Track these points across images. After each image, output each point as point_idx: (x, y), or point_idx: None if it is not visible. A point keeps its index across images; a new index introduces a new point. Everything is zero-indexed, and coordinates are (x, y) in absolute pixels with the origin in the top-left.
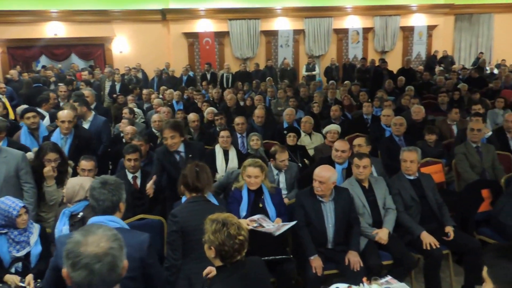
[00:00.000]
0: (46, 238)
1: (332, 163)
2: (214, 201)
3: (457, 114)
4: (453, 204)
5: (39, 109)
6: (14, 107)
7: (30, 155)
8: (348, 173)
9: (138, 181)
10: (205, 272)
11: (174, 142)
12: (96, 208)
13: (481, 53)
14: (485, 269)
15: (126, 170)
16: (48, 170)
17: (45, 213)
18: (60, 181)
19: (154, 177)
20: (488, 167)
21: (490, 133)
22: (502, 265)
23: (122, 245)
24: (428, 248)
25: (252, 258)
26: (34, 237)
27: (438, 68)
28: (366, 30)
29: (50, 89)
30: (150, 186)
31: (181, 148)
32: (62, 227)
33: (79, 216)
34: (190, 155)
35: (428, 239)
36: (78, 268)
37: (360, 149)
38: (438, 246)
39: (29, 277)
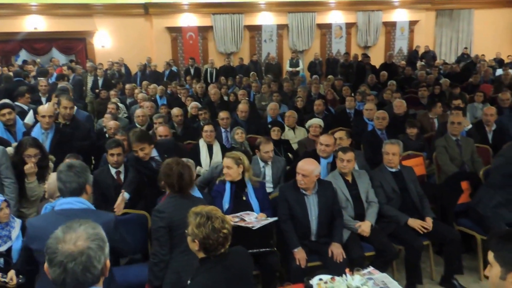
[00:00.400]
0: None
1: (316, 157)
2: (198, 194)
3: (440, 108)
4: (434, 196)
5: (17, 103)
6: None
7: (10, 150)
8: (333, 167)
9: (122, 176)
10: None
11: (145, 154)
12: (64, 190)
13: (466, 48)
14: (491, 254)
15: (109, 165)
16: (29, 167)
17: (27, 209)
18: (41, 176)
19: (122, 192)
20: (467, 160)
21: (470, 126)
22: (509, 249)
23: (103, 246)
24: (424, 231)
25: (236, 249)
26: (16, 232)
27: (419, 63)
28: (349, 25)
29: (31, 83)
30: (118, 204)
31: (154, 153)
32: None
33: None
34: (166, 155)
35: (416, 224)
36: (53, 265)
37: (341, 142)
38: (427, 228)
39: (11, 273)
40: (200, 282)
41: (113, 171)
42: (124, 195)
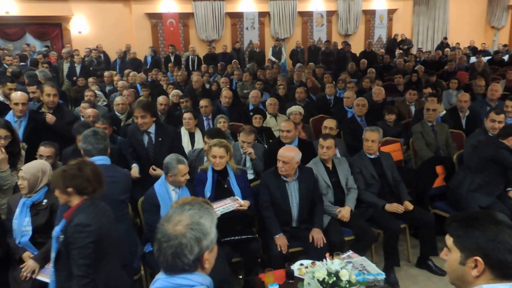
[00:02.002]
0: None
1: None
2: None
3: (412, 95)
4: (410, 181)
5: None
6: None
7: None
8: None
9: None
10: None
11: (144, 122)
12: (92, 151)
13: (445, 38)
14: (450, 239)
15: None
16: (0, 152)
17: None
18: (13, 164)
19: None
20: (442, 145)
21: (444, 112)
22: (469, 234)
23: (200, 237)
24: (400, 212)
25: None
26: None
27: (398, 51)
28: (330, 13)
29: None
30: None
31: (152, 129)
32: (24, 219)
33: (43, 204)
34: (160, 138)
35: (392, 207)
36: (155, 240)
37: (331, 131)
38: (403, 210)
39: None
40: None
41: None
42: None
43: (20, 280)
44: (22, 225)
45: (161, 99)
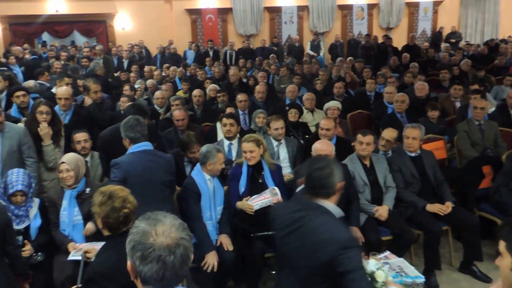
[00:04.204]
0: (46, 212)
1: None
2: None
3: (457, 90)
4: (454, 181)
5: (39, 81)
6: None
7: (20, 125)
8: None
9: None
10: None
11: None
12: (140, 137)
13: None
14: (502, 244)
15: None
16: (43, 127)
17: (47, 182)
18: (56, 141)
19: None
20: (490, 145)
21: (493, 109)
22: None
23: (191, 235)
24: (442, 214)
25: None
26: (34, 211)
27: (444, 45)
28: (371, 6)
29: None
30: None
31: None
32: (74, 210)
33: (87, 192)
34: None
35: (434, 208)
36: (150, 261)
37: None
38: (447, 210)
39: (28, 246)
40: (103, 260)
41: None
42: None
43: (63, 265)
44: (73, 215)
45: (196, 91)
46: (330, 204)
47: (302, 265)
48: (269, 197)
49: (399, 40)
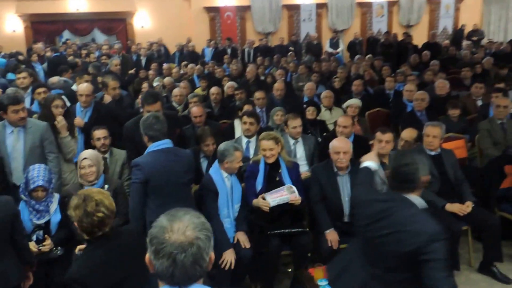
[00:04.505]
0: (65, 207)
1: None
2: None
3: (478, 88)
4: (475, 180)
5: (63, 78)
6: None
7: (35, 117)
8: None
9: None
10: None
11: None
12: (159, 135)
13: None
14: None
15: None
16: (60, 119)
17: (66, 174)
18: (71, 132)
19: None
20: None
21: None
22: None
23: (210, 236)
24: (462, 214)
25: (127, 228)
26: (54, 206)
27: (465, 43)
28: (391, 4)
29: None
30: None
31: None
32: None
33: (105, 189)
34: None
35: (454, 208)
36: (161, 257)
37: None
38: (467, 210)
39: (48, 240)
40: (78, 267)
41: None
42: None
43: None
44: None
45: (213, 89)
46: (415, 197)
47: (389, 251)
48: (286, 194)
49: (420, 37)
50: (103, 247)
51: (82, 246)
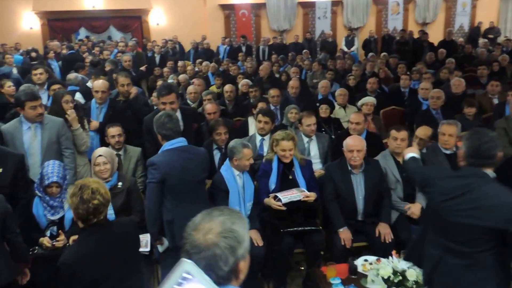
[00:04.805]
0: None
1: None
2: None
3: (494, 86)
4: None
5: (80, 75)
6: None
7: None
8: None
9: None
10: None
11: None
12: (173, 134)
13: None
14: None
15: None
16: (71, 112)
17: (80, 168)
18: (82, 125)
19: None
20: None
21: None
22: None
23: (234, 246)
24: None
25: (120, 220)
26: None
27: (482, 40)
28: (407, 1)
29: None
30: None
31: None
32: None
33: (119, 187)
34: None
35: None
36: (183, 250)
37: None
38: None
39: (62, 236)
40: (72, 251)
41: None
42: None
43: None
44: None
45: (227, 87)
46: (491, 171)
47: (473, 225)
48: (296, 193)
49: (436, 35)
50: (96, 234)
51: (76, 237)
